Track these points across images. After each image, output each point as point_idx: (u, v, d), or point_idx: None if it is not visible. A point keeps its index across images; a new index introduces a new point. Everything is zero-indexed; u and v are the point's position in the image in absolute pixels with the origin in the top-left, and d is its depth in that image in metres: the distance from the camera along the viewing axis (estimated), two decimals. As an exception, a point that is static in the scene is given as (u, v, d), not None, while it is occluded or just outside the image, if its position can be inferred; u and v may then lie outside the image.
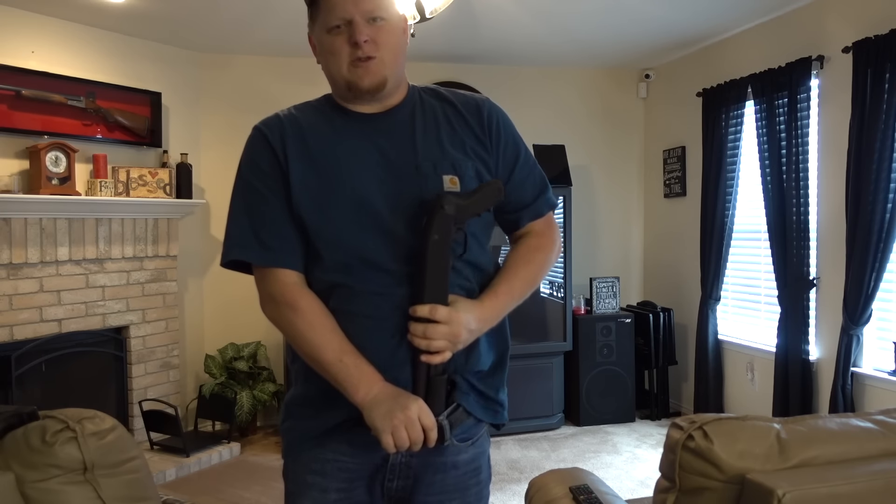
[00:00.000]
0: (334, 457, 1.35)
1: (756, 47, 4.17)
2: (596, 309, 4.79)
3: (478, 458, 1.42)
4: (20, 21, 3.70)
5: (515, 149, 1.40)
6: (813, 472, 1.21)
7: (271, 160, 1.31)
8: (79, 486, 1.22)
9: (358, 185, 1.28)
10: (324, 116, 1.36)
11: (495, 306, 1.33)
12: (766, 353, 4.07)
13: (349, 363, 1.25)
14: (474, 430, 1.40)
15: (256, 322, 4.63)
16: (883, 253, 3.27)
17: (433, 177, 1.29)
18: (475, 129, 1.36)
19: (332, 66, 1.30)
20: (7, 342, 3.54)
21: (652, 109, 5.34)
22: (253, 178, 1.32)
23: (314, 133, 1.33)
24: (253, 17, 3.89)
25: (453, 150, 1.33)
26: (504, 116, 1.41)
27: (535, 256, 1.41)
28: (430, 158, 1.31)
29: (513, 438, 4.44)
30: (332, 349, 1.25)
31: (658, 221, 5.28)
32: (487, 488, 1.46)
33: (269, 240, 1.29)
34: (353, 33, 1.25)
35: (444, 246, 1.24)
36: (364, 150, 1.31)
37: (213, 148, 4.64)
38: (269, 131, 1.33)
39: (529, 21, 4.08)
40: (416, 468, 1.36)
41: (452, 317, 1.23)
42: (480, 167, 1.35)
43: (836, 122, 3.58)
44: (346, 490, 1.36)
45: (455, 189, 1.29)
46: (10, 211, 3.49)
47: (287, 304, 1.28)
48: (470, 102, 1.40)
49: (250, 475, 3.88)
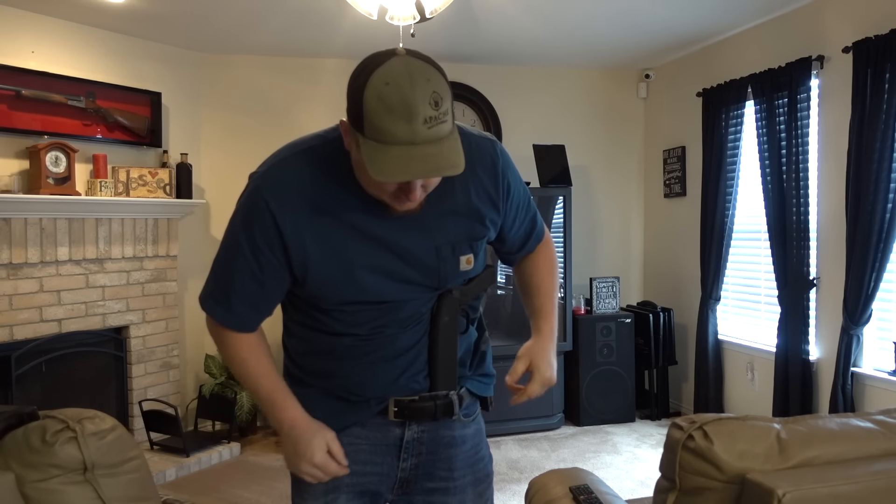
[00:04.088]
0: (348, 440, 1.37)
1: (756, 47, 4.17)
2: (596, 309, 4.79)
3: (478, 434, 1.50)
4: (20, 21, 3.70)
5: (518, 198, 1.43)
6: (813, 472, 1.21)
7: (271, 240, 1.23)
8: (79, 486, 1.22)
9: (376, 276, 1.28)
10: (338, 182, 1.23)
11: (552, 325, 1.49)
12: (766, 353, 4.07)
13: (272, 396, 1.34)
14: (473, 407, 1.50)
15: (256, 322, 4.63)
16: (883, 253, 3.27)
17: (451, 259, 1.32)
18: (491, 194, 1.34)
19: (371, 189, 1.18)
20: (7, 342, 3.54)
21: (652, 109, 5.34)
22: (246, 245, 1.25)
23: (329, 210, 1.23)
24: (253, 17, 3.89)
25: (475, 228, 1.34)
26: (511, 165, 1.39)
27: (550, 266, 1.55)
28: (449, 238, 1.30)
29: (513, 438, 4.44)
30: (255, 378, 1.35)
31: (658, 221, 5.28)
32: (492, 466, 1.54)
33: (243, 312, 1.33)
34: (407, 191, 1.15)
35: (453, 325, 1.38)
36: (382, 233, 1.26)
37: (213, 148, 4.64)
38: (276, 207, 1.21)
39: (530, 21, 4.08)
40: (428, 443, 1.42)
41: (545, 381, 1.41)
42: (492, 229, 1.40)
43: (836, 122, 3.58)
44: (359, 475, 1.39)
45: (469, 268, 1.36)
46: (10, 211, 3.49)
47: (226, 342, 1.37)
48: (485, 158, 1.33)
49: (250, 475, 3.88)
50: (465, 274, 1.36)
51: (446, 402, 1.39)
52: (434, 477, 1.44)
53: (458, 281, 1.36)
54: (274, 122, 4.59)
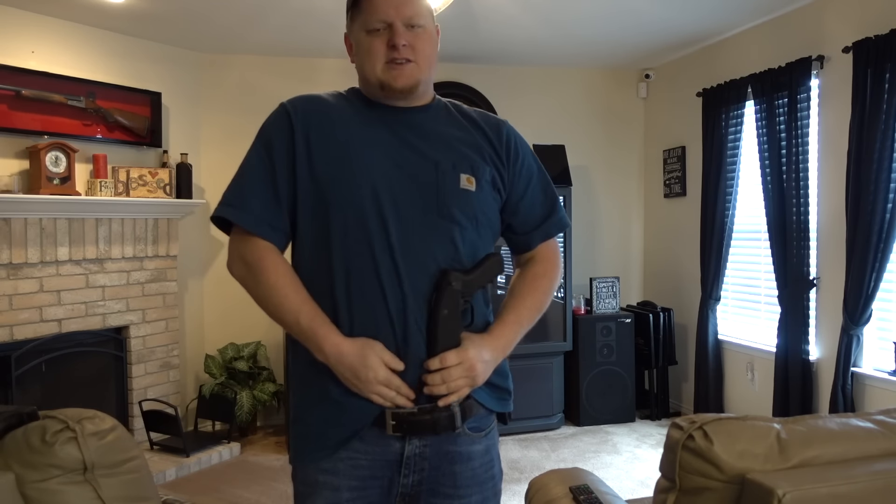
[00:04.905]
0: (347, 454, 1.34)
1: (756, 47, 4.17)
2: (596, 309, 4.80)
3: (490, 451, 1.44)
4: (20, 21, 3.70)
5: (530, 169, 1.47)
6: (813, 472, 1.21)
7: (287, 140, 1.35)
8: (79, 486, 1.22)
9: (377, 171, 1.33)
10: (351, 105, 1.40)
11: (505, 334, 1.39)
12: (766, 353, 4.07)
13: (311, 325, 1.30)
14: (485, 422, 1.43)
15: (256, 322, 4.63)
16: (883, 253, 3.27)
17: (451, 173, 1.35)
18: (493, 143, 1.43)
19: (367, 66, 1.35)
20: (7, 342, 3.54)
21: (652, 109, 5.34)
22: (264, 150, 1.36)
23: (340, 117, 1.37)
24: (253, 17, 3.89)
25: (472, 153, 1.40)
26: (521, 139, 1.50)
27: (541, 284, 1.47)
28: (450, 157, 1.37)
29: (513, 438, 4.44)
30: (293, 310, 1.31)
31: (658, 221, 5.28)
32: (500, 484, 1.48)
33: (258, 209, 1.33)
34: (393, 36, 1.32)
35: (454, 319, 1.30)
36: (387, 139, 1.36)
37: (213, 148, 4.64)
38: (293, 111, 1.37)
39: (529, 21, 4.08)
40: (431, 458, 1.36)
41: (463, 356, 1.29)
42: (496, 175, 1.41)
43: (836, 122, 3.58)
44: (359, 489, 1.35)
45: (471, 188, 1.35)
46: (10, 211, 3.49)
47: (255, 264, 1.33)
48: (490, 120, 1.47)
49: (250, 475, 3.88)
50: (467, 196, 1.34)
51: (447, 414, 1.31)
52: (438, 493, 1.39)
53: (461, 203, 1.33)
54: (274, 122, 4.59)
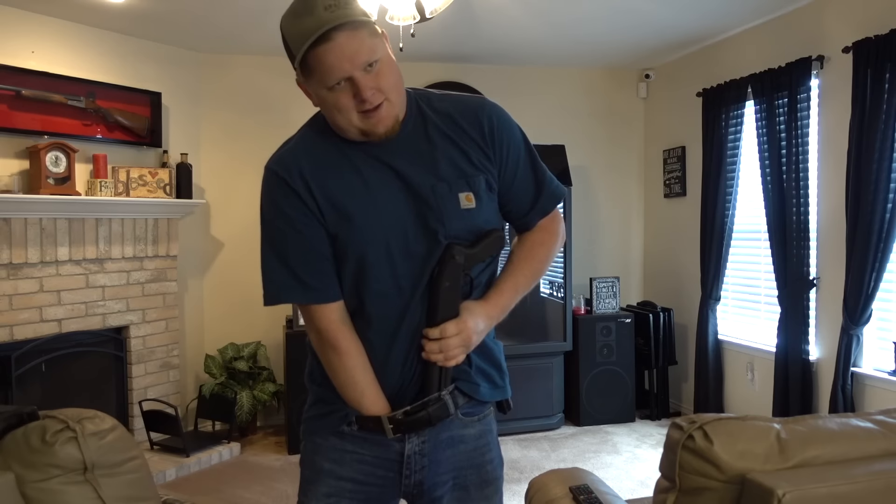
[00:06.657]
0: (353, 448, 1.39)
1: (756, 47, 4.17)
2: (596, 309, 4.79)
3: (485, 435, 1.45)
4: (20, 21, 3.70)
5: (517, 152, 1.40)
6: (813, 472, 1.21)
7: (295, 202, 1.30)
8: (79, 486, 1.22)
9: (379, 228, 1.30)
10: (333, 146, 1.33)
11: (500, 303, 1.39)
12: (766, 353, 4.07)
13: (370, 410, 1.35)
14: (479, 408, 1.45)
15: (256, 322, 4.63)
16: (883, 253, 3.27)
17: (449, 197, 1.32)
18: (478, 141, 1.35)
19: (341, 120, 1.27)
20: (7, 342, 3.54)
21: (652, 109, 5.34)
22: (279, 221, 1.31)
23: (330, 168, 1.32)
24: (253, 17, 3.89)
25: (464, 166, 1.34)
26: (502, 117, 1.39)
27: (538, 252, 1.46)
28: (444, 177, 1.32)
29: (513, 438, 4.44)
30: (359, 391, 1.35)
31: (658, 221, 5.28)
32: (501, 470, 1.49)
33: (308, 279, 1.32)
34: (358, 90, 1.22)
35: (455, 291, 1.32)
36: (384, 178, 1.31)
37: (213, 148, 4.64)
38: (286, 174, 1.31)
39: (530, 21, 4.08)
40: (430, 453, 1.39)
41: (461, 327, 1.32)
42: (489, 177, 1.37)
43: (836, 122, 3.58)
44: (361, 482, 1.39)
45: (471, 206, 1.33)
46: (10, 211, 3.49)
47: (330, 343, 1.35)
48: (468, 111, 1.36)
49: (250, 475, 3.88)
50: (469, 215, 1.33)
51: (440, 405, 1.33)
52: (437, 483, 1.41)
53: (464, 223, 1.33)
54: (274, 122, 4.57)
